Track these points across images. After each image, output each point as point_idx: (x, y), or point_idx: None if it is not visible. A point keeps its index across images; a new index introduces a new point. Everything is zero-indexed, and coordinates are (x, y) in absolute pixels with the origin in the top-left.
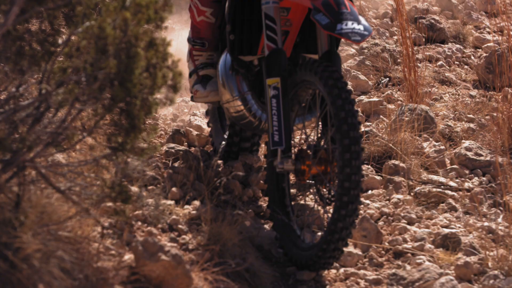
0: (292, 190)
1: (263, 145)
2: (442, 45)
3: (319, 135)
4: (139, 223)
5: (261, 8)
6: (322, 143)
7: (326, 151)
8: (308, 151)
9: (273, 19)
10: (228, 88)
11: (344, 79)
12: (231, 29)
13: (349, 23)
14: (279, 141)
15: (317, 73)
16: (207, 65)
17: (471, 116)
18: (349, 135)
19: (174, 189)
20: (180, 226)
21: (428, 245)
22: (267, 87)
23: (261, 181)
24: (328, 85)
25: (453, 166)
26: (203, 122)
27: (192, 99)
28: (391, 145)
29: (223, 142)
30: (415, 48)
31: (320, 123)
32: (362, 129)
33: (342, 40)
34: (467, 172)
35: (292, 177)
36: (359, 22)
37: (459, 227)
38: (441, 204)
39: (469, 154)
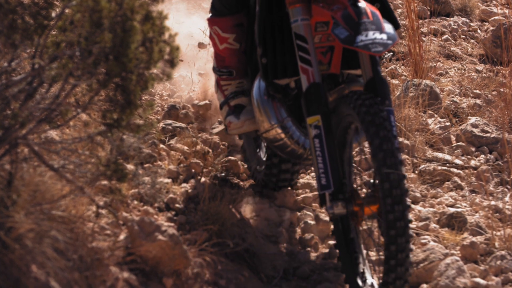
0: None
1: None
2: (448, 18)
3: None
4: (135, 202)
5: (291, 27)
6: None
7: (375, 187)
8: (358, 188)
9: (303, 38)
10: (265, 116)
11: (386, 113)
12: (262, 52)
13: (370, 33)
14: (326, 184)
15: (355, 107)
16: (237, 94)
17: (477, 91)
18: (389, 178)
19: (171, 166)
20: (177, 205)
21: (433, 225)
22: (308, 126)
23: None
24: (365, 122)
25: (459, 143)
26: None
27: (227, 131)
28: None
29: (259, 167)
30: (420, 21)
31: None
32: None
33: None
34: (473, 149)
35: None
36: (381, 31)
37: (465, 206)
38: (447, 183)
39: (476, 130)
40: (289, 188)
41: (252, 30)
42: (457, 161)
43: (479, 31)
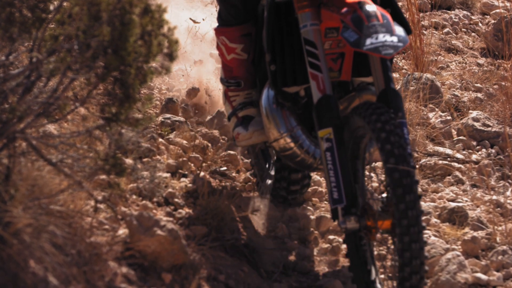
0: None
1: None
2: (449, 11)
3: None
4: (134, 196)
5: (300, 33)
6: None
7: (388, 200)
8: (370, 201)
9: (313, 44)
10: (274, 125)
11: (400, 125)
12: (271, 59)
13: (380, 36)
14: (338, 198)
15: (365, 117)
16: (246, 105)
17: (478, 85)
18: (404, 199)
19: (170, 161)
20: (176, 199)
21: (434, 220)
22: (319, 139)
23: None
24: (380, 138)
25: (460, 138)
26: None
27: (235, 143)
28: None
29: (269, 181)
30: (421, 14)
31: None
32: None
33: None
34: (474, 143)
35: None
36: (392, 33)
37: (466, 201)
38: (448, 177)
39: (477, 125)
40: (299, 202)
41: (260, 40)
42: (458, 156)
43: (480, 24)
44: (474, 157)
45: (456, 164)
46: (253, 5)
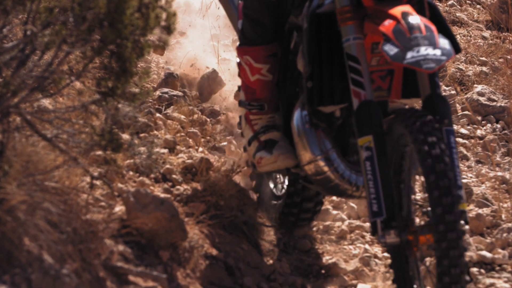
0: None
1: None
2: None
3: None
4: (131, 172)
5: (343, 47)
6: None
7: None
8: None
9: (356, 59)
10: (308, 147)
11: (445, 132)
12: (308, 75)
13: (422, 48)
14: (378, 210)
15: (407, 125)
16: (268, 128)
17: (483, 58)
18: (444, 219)
19: (167, 136)
20: (174, 176)
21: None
22: (359, 148)
23: None
24: (418, 141)
25: (465, 112)
26: (199, 62)
27: (255, 169)
28: None
29: (274, 202)
30: None
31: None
32: None
33: None
34: (479, 118)
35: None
36: (435, 46)
37: (471, 177)
38: None
39: (482, 99)
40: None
41: (286, 60)
42: (463, 131)
43: None
44: (479, 132)
45: (460, 140)
46: (282, 23)
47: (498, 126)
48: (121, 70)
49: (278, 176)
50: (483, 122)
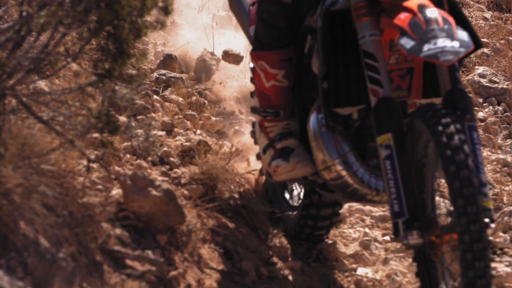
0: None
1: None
2: None
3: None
4: (128, 155)
5: (359, 44)
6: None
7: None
8: (435, 217)
9: (373, 56)
10: (325, 150)
11: (468, 128)
12: (324, 75)
13: (439, 41)
14: (399, 211)
15: (425, 120)
16: (284, 135)
17: (485, 40)
18: (466, 211)
19: (165, 118)
20: (171, 159)
21: (438, 180)
22: (378, 147)
23: None
24: (438, 139)
25: None
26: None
27: (270, 178)
28: None
29: (290, 213)
30: None
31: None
32: None
33: None
34: (480, 100)
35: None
36: (453, 38)
37: None
38: None
39: (483, 81)
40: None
41: (301, 65)
42: None
43: None
44: (480, 114)
45: None
46: (298, 26)
47: (500, 108)
48: (118, 52)
49: (294, 186)
50: (484, 104)
